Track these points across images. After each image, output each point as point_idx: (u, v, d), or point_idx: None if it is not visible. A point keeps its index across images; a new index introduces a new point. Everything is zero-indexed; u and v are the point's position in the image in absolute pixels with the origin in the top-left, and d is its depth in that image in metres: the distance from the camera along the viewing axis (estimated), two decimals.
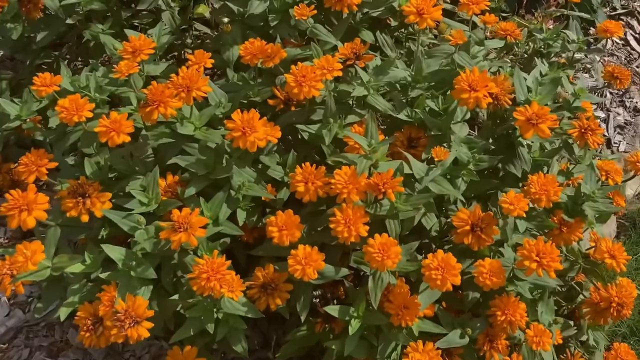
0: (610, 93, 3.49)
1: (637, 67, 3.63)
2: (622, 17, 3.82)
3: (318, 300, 2.08)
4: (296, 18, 2.09)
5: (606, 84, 2.55)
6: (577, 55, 2.75)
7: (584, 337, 2.33)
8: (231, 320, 1.90)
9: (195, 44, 3.03)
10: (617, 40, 3.73)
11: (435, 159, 1.86)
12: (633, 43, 3.75)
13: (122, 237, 2.18)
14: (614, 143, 3.33)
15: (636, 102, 3.48)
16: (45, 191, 2.72)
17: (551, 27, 2.75)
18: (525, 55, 2.90)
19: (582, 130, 2.08)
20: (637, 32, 3.78)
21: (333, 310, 1.91)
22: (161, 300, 1.94)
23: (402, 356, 1.88)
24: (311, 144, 2.06)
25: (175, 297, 1.92)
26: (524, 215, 1.86)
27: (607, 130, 3.36)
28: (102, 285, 1.99)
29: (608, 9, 3.81)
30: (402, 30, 2.51)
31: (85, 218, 1.92)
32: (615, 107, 3.45)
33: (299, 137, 2.11)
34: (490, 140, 2.11)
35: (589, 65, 3.41)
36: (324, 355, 2.03)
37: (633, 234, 3.11)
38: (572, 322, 2.25)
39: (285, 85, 1.93)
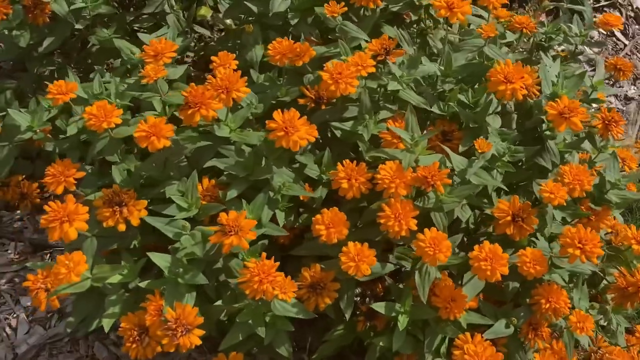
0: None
1: (624, 57, 3.73)
2: (605, 9, 3.93)
3: (358, 298, 2.07)
4: (327, 15, 2.07)
5: (609, 75, 2.60)
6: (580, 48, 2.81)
7: (604, 322, 2.39)
8: (278, 322, 1.88)
9: (198, 46, 2.99)
10: (603, 32, 3.83)
11: (479, 151, 1.88)
12: (618, 34, 3.86)
13: (152, 246, 2.13)
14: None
15: (626, 91, 3.58)
16: None
17: (544, 20, 2.80)
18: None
19: (606, 122, 2.13)
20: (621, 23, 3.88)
21: (379, 307, 1.90)
22: (203, 307, 1.90)
23: (450, 349, 1.89)
24: (344, 141, 2.05)
25: (219, 303, 1.89)
26: (564, 203, 1.89)
27: None
28: (144, 294, 1.95)
29: (592, 1, 3.91)
30: (415, 26, 2.52)
31: (122, 227, 1.87)
32: (607, 96, 3.54)
33: (329, 135, 2.10)
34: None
35: (592, 56, 3.49)
36: (367, 352, 2.03)
37: (630, 218, 3.19)
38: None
39: (321, 83, 1.92)
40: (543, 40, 2.79)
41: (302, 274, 1.88)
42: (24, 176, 2.55)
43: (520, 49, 2.84)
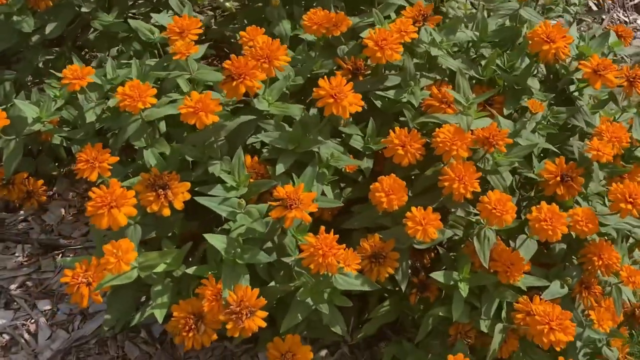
0: None
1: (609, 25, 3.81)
2: None
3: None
4: None
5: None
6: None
7: None
8: (336, 299, 1.81)
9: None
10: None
11: (533, 112, 1.86)
12: (593, 7, 3.95)
13: (188, 234, 2.03)
14: None
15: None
16: (58, 200, 2.52)
17: None
18: None
19: (630, 79, 2.15)
20: None
21: (438, 276, 1.86)
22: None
23: (509, 313, 1.87)
24: (385, 111, 2.00)
25: (272, 284, 1.80)
26: (612, 160, 1.90)
27: None
28: (188, 283, 1.86)
29: None
30: None
31: (167, 212, 1.76)
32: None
33: (366, 108, 2.04)
34: None
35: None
36: (420, 326, 1.97)
37: None
38: None
39: (365, 50, 1.87)
40: (542, 12, 2.82)
41: (362, 245, 1.81)
42: (28, 174, 2.38)
43: None
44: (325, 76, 1.78)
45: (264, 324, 1.65)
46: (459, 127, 1.76)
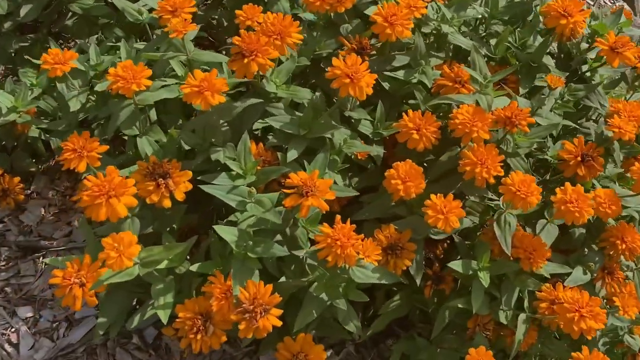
0: None
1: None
2: None
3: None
4: None
5: None
6: None
7: None
8: (351, 294, 1.68)
9: None
10: None
11: (552, 86, 1.76)
12: None
13: (186, 228, 1.89)
14: None
15: None
16: (37, 199, 2.33)
17: None
18: None
19: None
20: None
21: (456, 265, 1.75)
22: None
23: (531, 302, 1.78)
24: (393, 94, 1.89)
25: (283, 279, 1.67)
26: (634, 138, 1.82)
27: None
28: (190, 280, 1.71)
29: None
30: None
31: (167, 203, 1.61)
32: None
33: (375, 89, 1.92)
34: None
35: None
36: (436, 320, 1.86)
37: None
38: None
39: (374, 27, 1.75)
40: None
41: (377, 236, 1.70)
42: (2, 170, 2.20)
43: None
44: (323, 61, 1.66)
45: (279, 323, 1.51)
46: (478, 107, 1.65)
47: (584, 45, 2.09)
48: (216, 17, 2.50)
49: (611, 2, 3.69)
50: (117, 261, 1.46)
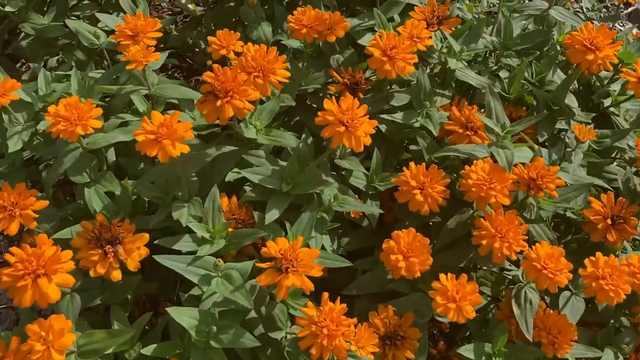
0: None
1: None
2: None
3: None
4: None
5: None
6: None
7: None
8: None
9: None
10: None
11: (581, 139, 1.49)
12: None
13: (143, 296, 1.60)
14: None
15: None
16: None
17: None
18: None
19: None
20: None
21: (467, 351, 1.46)
22: None
23: None
24: (390, 137, 1.61)
25: None
26: None
27: None
28: None
29: None
30: None
31: (117, 275, 1.31)
32: None
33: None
34: None
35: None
36: None
37: None
38: None
39: (370, 61, 1.47)
40: None
41: (372, 320, 1.40)
42: None
43: None
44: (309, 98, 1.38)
45: None
46: (496, 165, 1.37)
47: (605, 74, 1.83)
48: (192, 38, 2.22)
49: (620, 25, 3.45)
50: (44, 355, 1.16)
